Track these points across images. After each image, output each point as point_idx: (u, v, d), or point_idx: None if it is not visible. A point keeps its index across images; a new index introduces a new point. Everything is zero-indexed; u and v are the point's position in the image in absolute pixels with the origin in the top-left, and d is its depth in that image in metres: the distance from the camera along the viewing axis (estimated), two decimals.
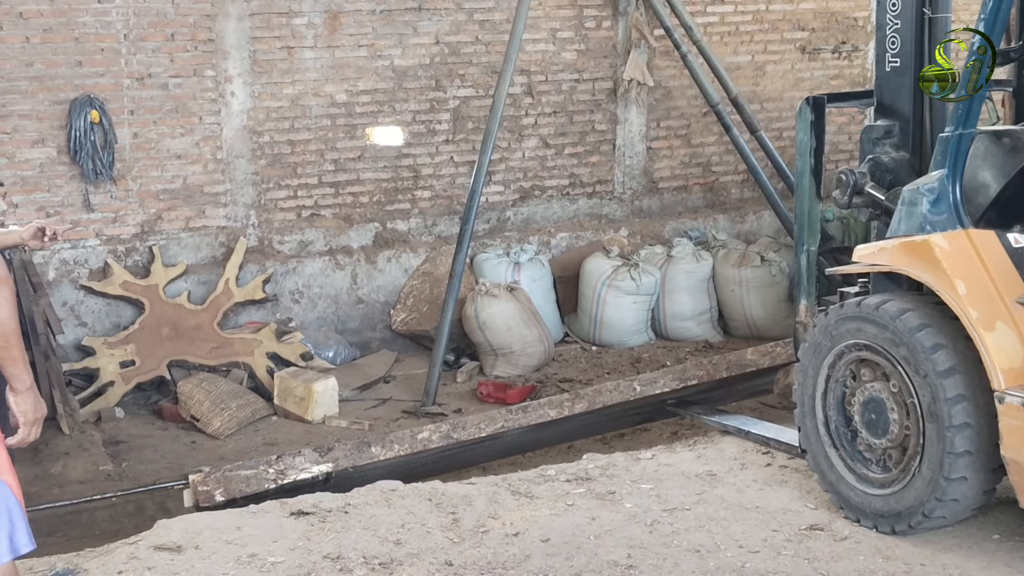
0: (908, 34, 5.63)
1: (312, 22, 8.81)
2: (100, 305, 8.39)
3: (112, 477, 7.00)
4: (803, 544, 4.93)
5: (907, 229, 4.98)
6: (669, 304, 9.41)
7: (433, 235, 9.48)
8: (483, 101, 9.30)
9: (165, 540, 4.97)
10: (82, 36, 8.17)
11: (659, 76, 10.03)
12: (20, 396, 3.38)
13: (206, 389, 7.99)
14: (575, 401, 6.54)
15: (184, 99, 8.52)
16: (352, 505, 5.34)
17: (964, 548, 4.89)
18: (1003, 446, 4.58)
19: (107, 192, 8.36)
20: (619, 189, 10.14)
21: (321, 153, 9.03)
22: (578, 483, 5.67)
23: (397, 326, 9.21)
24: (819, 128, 5.97)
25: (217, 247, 8.78)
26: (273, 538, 5.01)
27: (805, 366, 5.31)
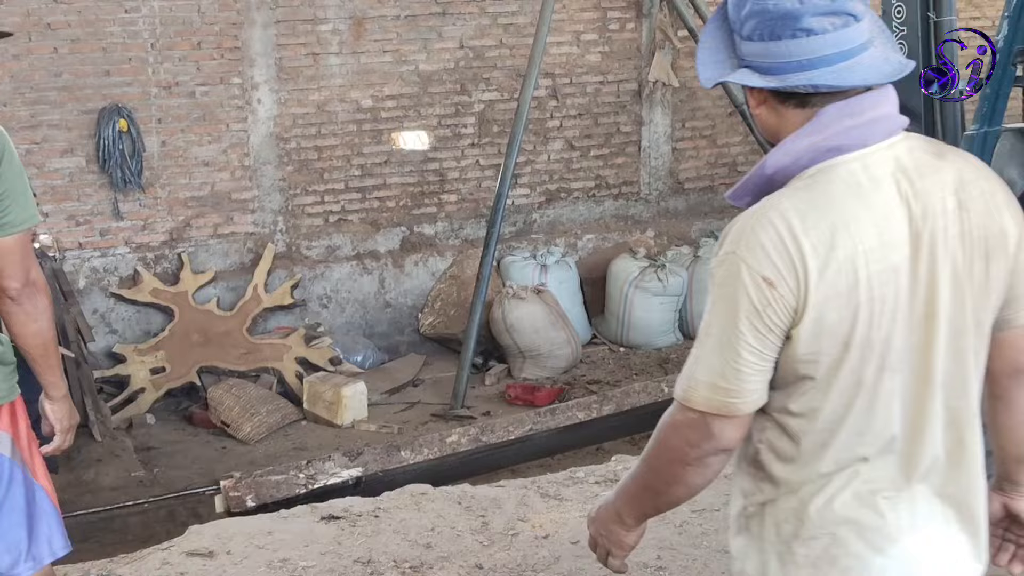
0: (915, 39, 5.62)
1: (337, 28, 8.87)
2: (130, 312, 8.46)
3: (144, 483, 7.06)
4: None
5: None
6: (696, 304, 9.40)
7: (460, 238, 9.52)
8: (508, 104, 9.33)
9: (197, 545, 5.00)
10: (109, 46, 8.24)
11: (683, 77, 10.03)
12: (56, 403, 3.41)
13: (236, 395, 8.05)
14: (603, 403, 6.56)
15: (211, 107, 8.59)
16: (382, 509, 5.36)
17: None
18: None
19: (136, 200, 8.42)
20: (645, 190, 10.15)
21: (347, 158, 9.08)
22: (607, 485, 5.67)
23: (425, 330, 9.25)
24: None
25: (245, 253, 8.84)
26: (304, 543, 5.03)
27: None
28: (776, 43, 2.00)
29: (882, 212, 2.00)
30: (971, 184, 2.07)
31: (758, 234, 1.98)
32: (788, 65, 2.00)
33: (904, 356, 2.02)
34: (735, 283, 1.99)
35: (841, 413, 2.03)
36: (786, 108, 2.05)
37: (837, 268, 1.95)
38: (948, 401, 2.06)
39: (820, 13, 1.97)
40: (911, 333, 2.02)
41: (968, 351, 2.07)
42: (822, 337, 1.98)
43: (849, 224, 1.97)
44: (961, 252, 2.03)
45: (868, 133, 2.03)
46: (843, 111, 2.02)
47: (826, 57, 1.99)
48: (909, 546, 2.07)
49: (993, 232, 2.06)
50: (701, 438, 2.05)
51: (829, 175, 2.00)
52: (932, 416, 2.05)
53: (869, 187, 2.00)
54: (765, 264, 1.96)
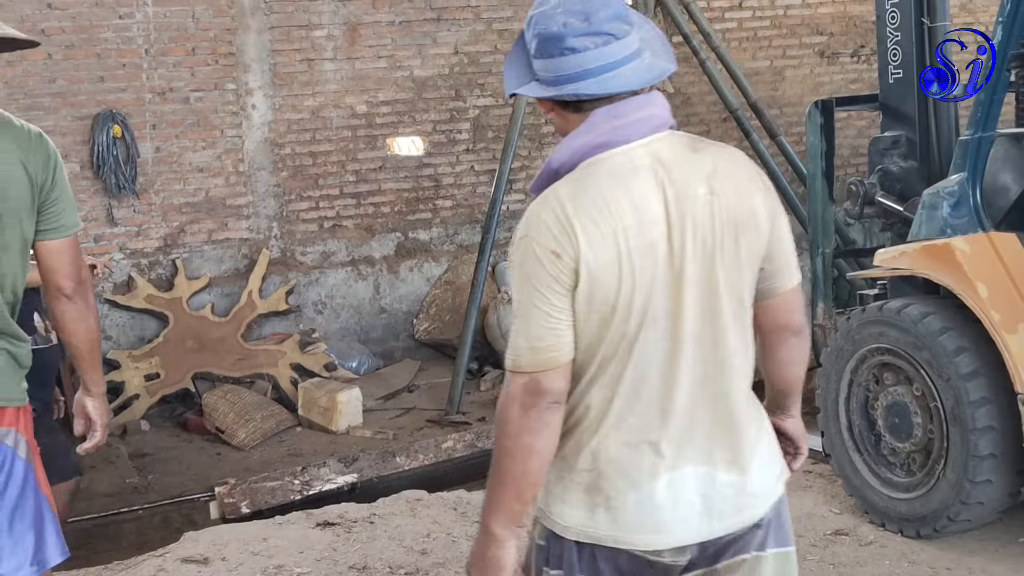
0: (909, 45, 5.65)
1: (332, 34, 8.87)
2: (124, 318, 8.45)
3: (138, 490, 7.05)
4: (828, 549, 4.93)
5: (928, 233, 4.98)
6: None
7: (455, 244, 9.52)
8: (503, 110, 9.33)
9: (192, 552, 5.00)
10: (104, 52, 8.24)
11: (678, 83, 10.04)
12: (97, 400, 3.47)
13: (231, 401, 8.03)
14: None
15: (205, 112, 8.59)
16: (377, 515, 5.36)
17: (990, 551, 4.88)
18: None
19: (130, 206, 8.42)
20: None
21: (342, 164, 9.08)
22: None
23: (420, 335, 9.24)
24: (829, 131, 6.01)
25: (240, 259, 8.83)
26: (299, 549, 5.03)
27: (828, 371, 5.31)
28: (551, 60, 2.37)
29: (640, 196, 2.36)
30: (724, 173, 2.42)
31: (542, 217, 2.36)
32: (561, 78, 2.37)
33: (660, 317, 2.38)
34: (532, 261, 2.35)
35: (607, 367, 2.39)
36: (568, 113, 2.43)
37: (602, 242, 2.32)
38: (703, 355, 2.41)
39: (580, 34, 2.35)
40: (666, 298, 2.38)
41: (723, 313, 2.42)
42: (592, 301, 2.35)
43: (611, 206, 2.34)
44: (711, 231, 2.39)
45: (632, 131, 2.39)
46: (610, 113, 2.38)
47: (590, 70, 2.36)
48: (662, 482, 2.41)
49: (742, 214, 2.42)
50: (536, 396, 2.36)
51: (598, 166, 2.38)
52: (686, 368, 2.40)
53: (630, 176, 2.37)
54: (551, 241, 2.34)
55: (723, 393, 2.45)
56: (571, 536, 2.44)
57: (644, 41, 2.44)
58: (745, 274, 2.45)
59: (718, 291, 2.41)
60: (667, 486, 2.42)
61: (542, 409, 2.36)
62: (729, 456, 2.46)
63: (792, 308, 2.61)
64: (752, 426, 2.52)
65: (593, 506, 2.42)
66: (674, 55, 2.49)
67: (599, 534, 2.43)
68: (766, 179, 2.51)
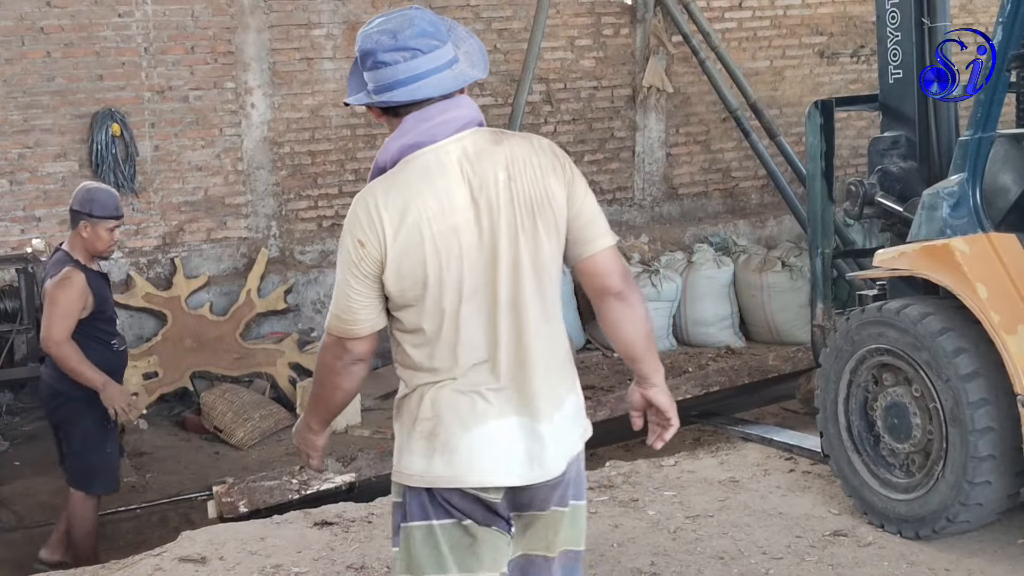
0: (909, 45, 5.64)
1: (331, 33, 8.86)
2: (123, 317, 8.38)
3: (136, 489, 7.03)
4: (827, 550, 4.92)
5: (927, 233, 4.97)
6: (690, 310, 9.39)
7: None
8: (502, 110, 9.32)
9: (190, 551, 4.99)
10: (103, 50, 8.22)
11: (678, 82, 10.04)
12: None
13: (229, 400, 8.02)
14: (597, 409, 6.53)
15: (204, 111, 8.57)
16: (375, 515, 5.35)
17: (989, 552, 4.87)
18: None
19: (129, 205, 8.38)
20: (639, 196, 10.14)
21: (341, 163, 9.07)
22: (601, 490, 5.67)
23: None
24: (828, 131, 6.00)
25: (239, 258, 8.82)
26: (297, 548, 5.02)
27: (827, 371, 5.30)
28: (370, 72, 2.85)
29: (444, 188, 2.82)
30: (521, 160, 2.88)
31: (356, 210, 2.85)
32: (380, 88, 2.84)
33: (477, 289, 2.85)
34: (345, 247, 2.86)
35: (436, 332, 2.87)
36: (390, 118, 2.89)
37: (407, 231, 2.80)
38: (518, 321, 2.87)
39: (389, 50, 2.81)
40: (481, 273, 2.85)
41: (530, 283, 2.87)
42: (403, 279, 2.83)
43: (416, 198, 2.80)
44: (513, 211, 2.85)
45: (439, 131, 2.84)
46: (419, 117, 2.85)
47: (400, 80, 2.82)
48: (490, 427, 2.88)
49: (538, 194, 2.87)
50: (341, 353, 2.95)
51: (410, 164, 2.84)
52: (505, 331, 2.87)
53: (437, 170, 2.83)
54: (359, 231, 2.83)
55: (537, 354, 2.90)
56: (415, 483, 2.93)
57: (465, 54, 2.92)
58: (546, 247, 2.89)
59: (524, 264, 2.86)
60: (494, 431, 2.89)
61: (347, 363, 2.96)
62: (545, 410, 2.92)
63: (604, 271, 3.00)
64: (563, 385, 2.97)
65: (432, 452, 2.89)
66: (488, 64, 2.94)
67: (436, 476, 2.90)
68: (566, 162, 2.97)
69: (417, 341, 2.89)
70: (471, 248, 2.83)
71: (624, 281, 3.02)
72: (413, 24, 2.84)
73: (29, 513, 6.75)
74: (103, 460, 5.79)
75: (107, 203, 5.66)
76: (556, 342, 2.96)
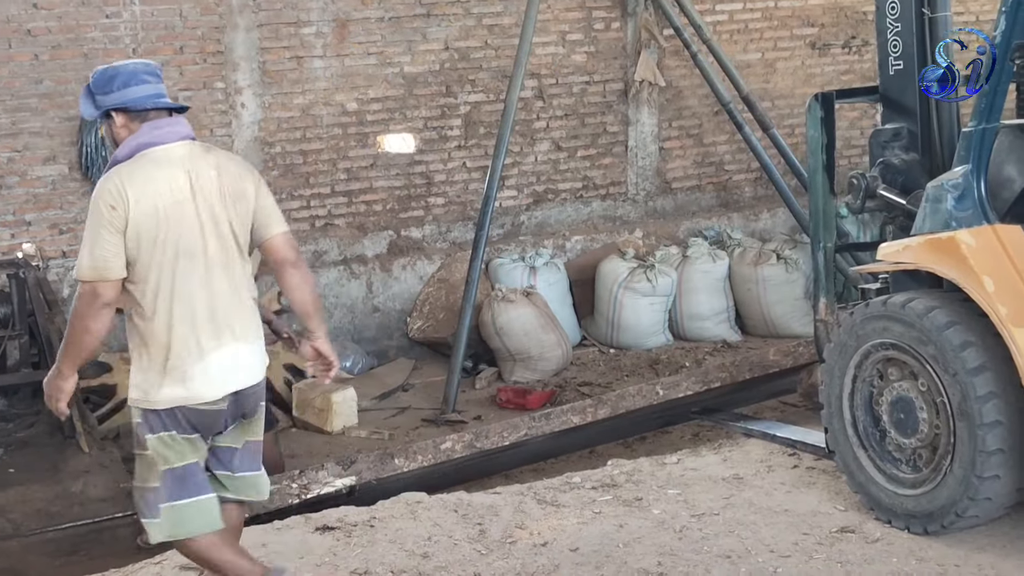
0: (909, 36, 5.58)
1: (321, 31, 8.78)
2: (117, 321, 8.33)
3: (132, 494, 6.95)
4: (835, 547, 4.88)
5: (932, 226, 4.93)
6: (686, 305, 9.36)
7: (448, 241, 9.44)
8: (494, 106, 9.26)
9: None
10: (91, 52, 8.13)
11: (670, 76, 9.99)
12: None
13: None
14: (598, 407, 6.50)
15: (194, 112, 8.46)
16: (377, 518, 5.30)
17: (999, 547, 4.84)
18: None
19: None
20: (632, 190, 10.09)
21: (333, 162, 9.00)
22: (604, 490, 5.62)
23: (414, 334, 9.17)
24: (829, 124, 5.95)
25: None
26: (299, 554, 4.97)
27: (831, 366, 5.26)
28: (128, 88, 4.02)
29: (172, 175, 4.01)
30: (225, 165, 4.16)
31: (107, 186, 3.96)
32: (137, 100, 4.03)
33: (195, 251, 4.02)
34: (97, 210, 3.93)
35: (159, 283, 3.98)
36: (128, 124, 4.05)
37: (145, 202, 3.94)
38: (224, 275, 4.08)
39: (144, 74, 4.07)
40: (197, 238, 4.03)
41: (232, 250, 4.11)
42: (140, 238, 3.94)
43: (151, 180, 3.97)
44: (219, 198, 4.08)
45: (167, 137, 4.05)
46: (153, 126, 4.04)
47: (152, 95, 4.05)
48: (216, 356, 4.05)
49: (237, 190, 4.13)
50: (93, 297, 3.93)
51: (146, 157, 4.01)
52: (216, 282, 4.06)
53: (166, 163, 4.02)
54: (110, 199, 3.93)
55: (239, 300, 4.14)
56: (159, 407, 4.03)
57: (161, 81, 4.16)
58: (240, 226, 4.12)
59: (226, 235, 4.09)
60: (217, 358, 4.06)
61: (97, 308, 3.95)
62: (249, 338, 4.17)
63: (281, 248, 4.23)
64: (255, 322, 4.24)
65: (172, 382, 4.01)
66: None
67: (175, 396, 4.02)
68: (254, 171, 4.28)
69: (145, 291, 3.97)
70: (189, 220, 4.01)
71: (297, 255, 4.29)
72: (150, 64, 4.17)
73: (25, 521, 6.66)
74: None
75: None
76: (249, 292, 4.21)
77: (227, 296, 4.08)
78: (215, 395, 4.06)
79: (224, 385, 4.09)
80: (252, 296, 4.22)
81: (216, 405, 4.09)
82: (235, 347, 4.10)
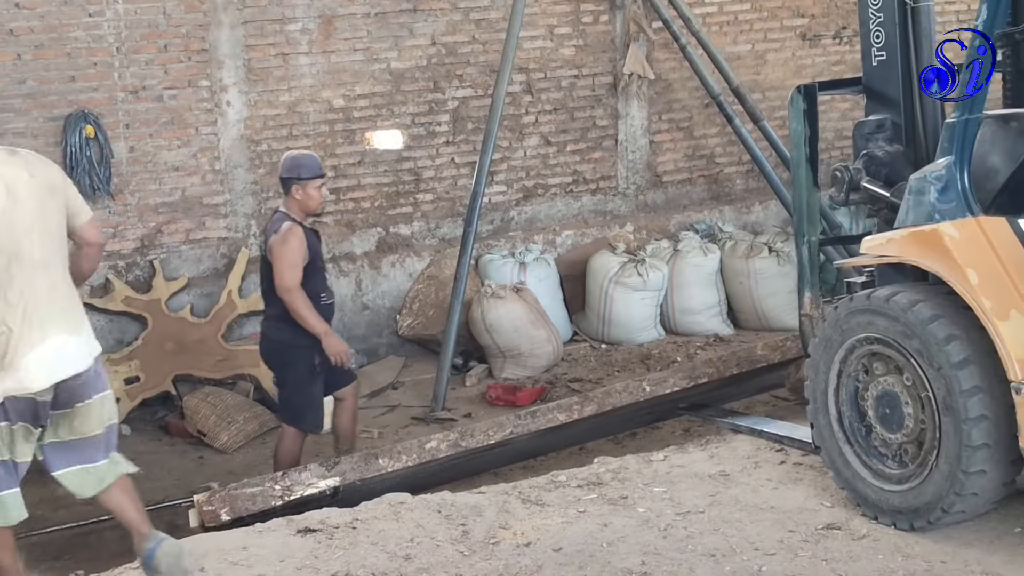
0: (892, 27, 5.52)
1: (306, 28, 8.72)
2: (102, 322, 8.29)
3: None
4: (820, 544, 4.83)
5: (915, 219, 4.87)
6: (677, 299, 9.31)
7: (437, 238, 9.39)
8: (482, 101, 9.20)
9: None
10: (74, 51, 8.08)
11: (659, 69, 9.92)
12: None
13: (212, 403, 7.91)
14: (584, 404, 6.44)
15: (179, 111, 8.44)
16: (360, 520, 5.25)
17: (986, 542, 4.79)
18: (1021, 437, 4.48)
19: (105, 207, 8.27)
20: (623, 184, 10.03)
21: (320, 159, 8.89)
22: (589, 488, 5.57)
23: (404, 331, 9.12)
24: (812, 116, 5.90)
25: (219, 259, 8.70)
26: (280, 557, 4.92)
27: (816, 361, 5.21)
28: None
29: None
30: (35, 164, 4.49)
31: None
32: None
33: (22, 252, 4.32)
34: None
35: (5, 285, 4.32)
36: None
37: None
38: (48, 272, 4.42)
39: None
40: (22, 238, 4.33)
41: (56, 244, 4.48)
42: None
43: None
44: (38, 198, 4.39)
45: None
46: None
47: None
48: (43, 348, 4.38)
49: (51, 185, 4.47)
50: None
51: None
52: (42, 279, 4.40)
53: None
54: None
55: (63, 293, 4.49)
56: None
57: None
58: (55, 219, 4.47)
59: (51, 231, 4.44)
60: (44, 349, 4.38)
61: None
62: (74, 329, 4.50)
63: (91, 232, 4.75)
64: (79, 311, 4.59)
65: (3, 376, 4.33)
66: None
67: (4, 388, 4.34)
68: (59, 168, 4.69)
69: None
70: (12, 222, 4.30)
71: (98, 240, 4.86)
72: None
73: None
74: (310, 401, 6.64)
75: (311, 165, 6.55)
76: (71, 285, 4.56)
77: (52, 291, 4.43)
78: (42, 385, 4.38)
79: (51, 375, 4.39)
80: (74, 289, 4.58)
81: (43, 396, 4.41)
82: (62, 339, 4.42)
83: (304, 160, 6.56)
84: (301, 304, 6.32)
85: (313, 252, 6.46)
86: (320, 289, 6.55)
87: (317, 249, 6.56)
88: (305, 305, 6.33)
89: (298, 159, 6.57)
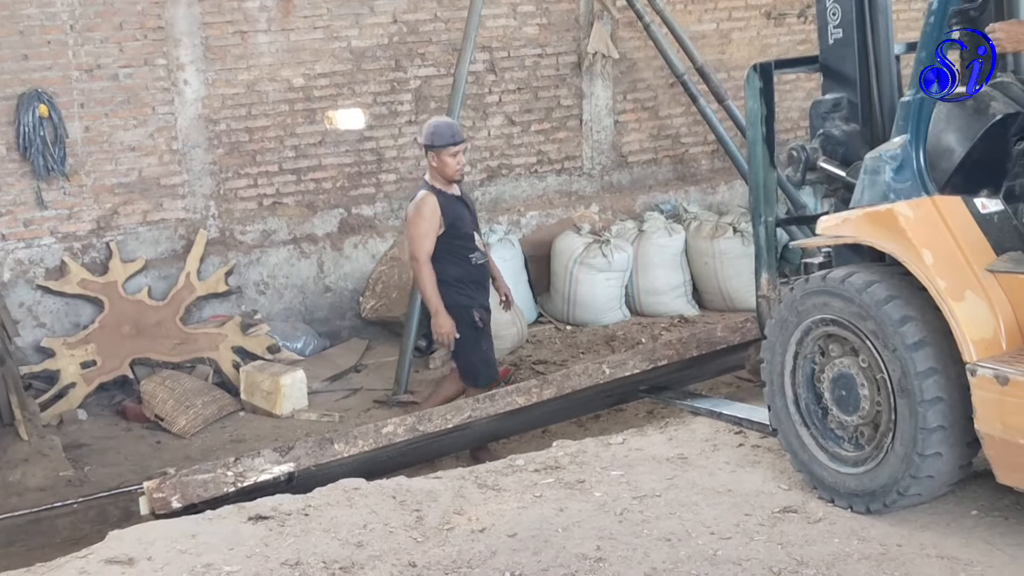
0: (848, 4, 5.46)
1: (265, 5, 8.60)
2: (58, 305, 8.19)
3: (73, 483, 6.83)
4: (776, 528, 4.78)
5: (871, 198, 4.82)
6: (643, 280, 9.25)
7: (400, 219, 9.29)
8: (445, 80, 9.10)
9: (117, 552, 4.79)
10: (27, 29, 7.94)
11: (623, 48, 9.84)
12: None
13: (170, 387, 7.82)
14: (544, 387, 6.36)
15: (136, 89, 8.31)
16: (312, 507, 5.17)
17: (942, 525, 4.75)
18: (977, 419, 4.44)
19: (60, 188, 8.15)
20: (588, 165, 9.96)
21: (280, 139, 8.83)
22: (547, 472, 5.51)
23: (367, 313, 9.03)
24: (768, 95, 5.83)
25: (177, 240, 8.58)
26: (229, 545, 4.83)
27: (772, 343, 5.15)
28: None
29: None
30: None
31: None
32: None
33: None
34: None
35: None
36: None
37: None
38: None
39: None
40: None
41: None
42: None
43: None
44: None
45: None
46: None
47: None
48: None
49: None
50: None
51: None
52: None
53: None
54: None
55: None
56: None
57: None
58: None
59: None
60: None
61: None
62: None
63: None
64: None
65: None
66: None
67: None
68: None
69: None
70: None
71: None
72: None
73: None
74: (481, 357, 6.85)
75: (444, 132, 6.65)
76: None
77: None
78: None
79: None
80: None
81: None
82: None
83: (439, 127, 6.69)
84: (425, 275, 6.57)
85: (454, 217, 6.65)
86: (469, 251, 6.74)
87: (459, 213, 6.73)
88: (427, 277, 6.57)
89: (434, 126, 6.71)
